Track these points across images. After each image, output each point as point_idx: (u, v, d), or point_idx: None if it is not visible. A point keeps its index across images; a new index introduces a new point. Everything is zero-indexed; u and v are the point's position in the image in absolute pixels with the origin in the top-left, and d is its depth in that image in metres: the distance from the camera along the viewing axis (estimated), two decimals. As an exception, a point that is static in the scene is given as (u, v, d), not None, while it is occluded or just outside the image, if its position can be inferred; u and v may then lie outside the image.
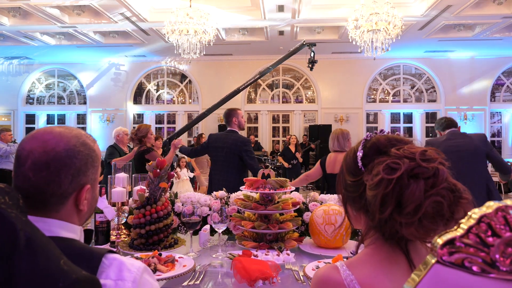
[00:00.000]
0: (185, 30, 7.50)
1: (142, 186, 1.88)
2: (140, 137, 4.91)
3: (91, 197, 0.89)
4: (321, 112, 13.44)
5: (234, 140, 3.91)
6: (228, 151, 3.81)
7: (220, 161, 3.83)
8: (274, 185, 1.78)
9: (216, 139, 4.01)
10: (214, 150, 3.92)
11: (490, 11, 8.98)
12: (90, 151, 0.88)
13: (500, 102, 13.21)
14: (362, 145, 0.86)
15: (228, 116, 4.09)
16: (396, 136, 0.87)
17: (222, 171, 3.80)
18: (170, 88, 13.91)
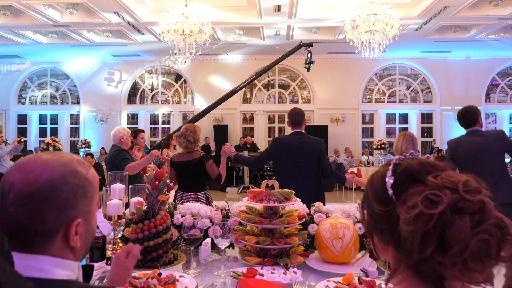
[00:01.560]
0: (181, 30, 7.38)
1: (140, 198, 1.79)
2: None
3: (85, 231, 0.79)
4: (317, 112, 13.39)
5: (309, 142, 3.43)
6: (304, 156, 3.35)
7: (294, 167, 3.35)
8: (278, 197, 1.70)
9: (286, 144, 3.46)
10: (286, 155, 3.38)
11: (486, 12, 8.97)
12: (81, 180, 0.78)
13: (495, 102, 13.26)
14: (392, 169, 0.77)
15: (300, 116, 3.52)
16: (429, 160, 0.78)
17: (297, 178, 3.31)
18: (165, 88, 13.77)
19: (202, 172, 3.53)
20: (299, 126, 3.49)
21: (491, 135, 3.65)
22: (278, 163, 3.49)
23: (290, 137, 3.49)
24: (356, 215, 1.93)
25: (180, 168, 3.51)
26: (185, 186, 3.53)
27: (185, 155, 3.51)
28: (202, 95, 13.37)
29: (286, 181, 3.15)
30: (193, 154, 3.50)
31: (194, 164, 3.47)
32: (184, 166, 3.48)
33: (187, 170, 3.48)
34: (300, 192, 3.18)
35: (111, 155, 3.99)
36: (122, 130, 4.08)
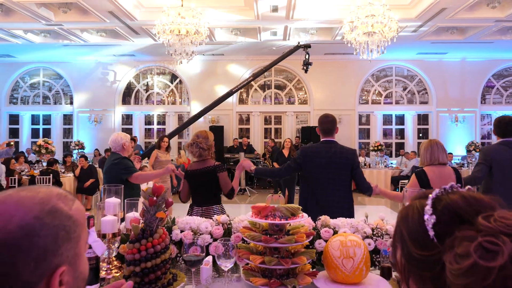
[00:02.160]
0: (177, 30, 7.26)
1: (136, 214, 1.67)
2: None
3: (72, 279, 0.67)
4: (314, 113, 13.30)
5: (342, 152, 3.18)
6: (337, 166, 3.12)
7: (326, 179, 3.13)
8: (285, 213, 1.60)
9: (316, 153, 3.18)
10: (316, 166, 3.15)
11: (483, 15, 8.95)
12: (62, 219, 0.66)
13: (490, 104, 13.27)
14: (431, 205, 0.67)
15: (332, 124, 3.30)
16: (474, 195, 0.67)
17: (329, 190, 3.12)
18: (160, 88, 13.62)
19: (216, 183, 3.20)
20: (330, 134, 3.26)
21: None
22: (308, 173, 3.22)
23: (321, 145, 3.22)
24: (365, 230, 1.84)
25: (193, 178, 3.22)
26: (198, 200, 3.24)
27: (198, 163, 3.23)
28: (198, 96, 13.23)
29: (317, 193, 3.15)
30: (206, 162, 3.21)
31: (207, 173, 3.16)
32: (197, 175, 3.20)
33: (200, 179, 3.20)
34: (333, 205, 3.13)
35: (111, 164, 3.53)
36: (124, 136, 3.63)
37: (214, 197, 3.24)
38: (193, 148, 3.21)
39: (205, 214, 3.06)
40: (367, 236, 1.81)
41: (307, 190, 3.23)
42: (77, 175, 8.81)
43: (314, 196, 3.15)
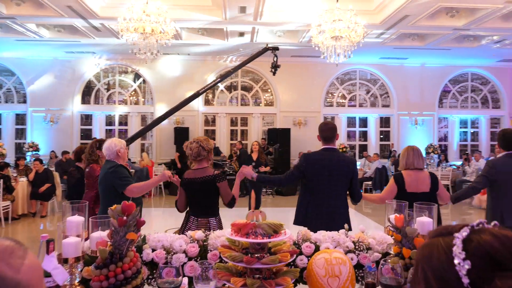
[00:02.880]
0: (141, 28, 6.97)
1: (103, 234, 1.50)
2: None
3: None
4: (280, 115, 13.35)
5: (344, 161, 3.26)
6: (339, 174, 3.16)
7: (329, 186, 3.15)
8: (267, 231, 1.50)
9: (317, 160, 3.21)
10: (319, 173, 3.15)
11: (443, 23, 9.32)
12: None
13: (447, 108, 13.88)
14: (462, 248, 0.59)
15: (332, 132, 3.34)
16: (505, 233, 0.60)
17: (332, 196, 3.16)
18: (122, 87, 13.12)
19: (215, 193, 3.04)
20: (330, 141, 3.31)
21: None
22: (311, 180, 3.21)
23: (322, 153, 3.25)
24: (347, 244, 1.77)
25: (190, 187, 3.02)
26: (195, 210, 3.06)
27: (196, 171, 3.03)
28: (163, 96, 12.88)
29: (320, 200, 3.16)
30: (206, 171, 3.02)
31: (206, 182, 2.98)
32: (194, 183, 2.99)
33: (198, 188, 3.00)
34: (336, 211, 3.17)
35: (106, 173, 3.22)
36: (118, 143, 3.31)
37: (212, 208, 3.08)
38: (192, 145, 3.02)
39: (201, 226, 2.91)
40: (350, 250, 1.74)
41: (308, 197, 3.22)
42: (31, 180, 8.25)
43: (317, 203, 3.16)
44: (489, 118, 13.79)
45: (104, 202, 3.20)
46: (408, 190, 3.20)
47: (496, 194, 3.61)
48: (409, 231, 1.46)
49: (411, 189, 3.21)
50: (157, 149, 12.77)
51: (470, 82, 13.80)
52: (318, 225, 2.95)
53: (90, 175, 3.84)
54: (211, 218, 3.01)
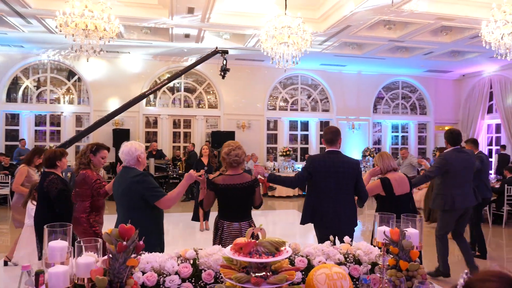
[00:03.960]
0: (83, 24, 6.51)
1: (89, 257, 1.36)
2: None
3: None
4: (224, 117, 13.29)
5: (348, 162, 3.38)
6: (344, 176, 3.29)
7: (335, 188, 3.28)
8: (269, 249, 1.47)
9: (324, 162, 3.34)
10: (325, 175, 3.29)
11: (380, 34, 9.95)
12: None
13: (380, 113, 14.84)
14: None
15: (335, 135, 3.48)
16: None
17: (339, 198, 3.28)
18: (55, 85, 12.15)
19: (251, 198, 3.04)
20: (334, 144, 3.45)
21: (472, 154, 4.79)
22: (317, 182, 3.34)
23: (327, 155, 3.41)
24: (338, 257, 1.80)
25: (226, 193, 2.95)
26: (228, 214, 2.99)
27: (234, 177, 2.98)
28: (100, 96, 12.17)
29: (327, 202, 3.29)
30: (243, 177, 3.01)
31: (244, 189, 2.96)
32: (232, 190, 2.94)
33: (236, 195, 2.95)
34: (344, 213, 3.34)
35: (131, 182, 2.71)
36: (138, 147, 2.87)
37: (248, 212, 3.11)
38: (239, 151, 3.02)
39: (235, 231, 2.91)
40: (341, 262, 1.78)
41: (314, 198, 3.35)
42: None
43: (323, 203, 3.30)
44: (417, 123, 15.00)
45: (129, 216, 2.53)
46: (397, 194, 3.54)
47: (448, 182, 4.36)
48: (405, 244, 1.52)
49: (398, 192, 3.56)
50: (94, 152, 11.99)
51: (401, 90, 14.91)
52: (325, 225, 3.25)
53: (85, 182, 3.44)
54: (243, 222, 2.98)
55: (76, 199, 3.48)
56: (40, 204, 3.62)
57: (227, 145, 3.07)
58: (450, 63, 12.73)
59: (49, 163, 3.65)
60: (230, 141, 3.17)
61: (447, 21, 8.79)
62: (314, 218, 3.34)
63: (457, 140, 4.57)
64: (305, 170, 3.40)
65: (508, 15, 6.58)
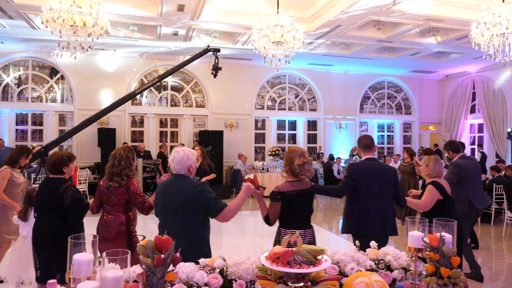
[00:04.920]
0: (71, 21, 6.28)
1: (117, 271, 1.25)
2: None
3: None
4: (212, 117, 13.15)
5: (387, 169, 3.57)
6: (386, 182, 3.42)
7: (379, 194, 3.39)
8: (308, 258, 1.39)
9: (367, 169, 3.45)
10: (370, 182, 3.39)
11: (369, 34, 10.01)
12: None
13: (366, 113, 14.97)
14: None
15: (371, 140, 3.65)
16: None
17: (382, 204, 3.39)
18: (36, 83, 11.75)
19: (312, 204, 2.98)
20: (371, 150, 3.58)
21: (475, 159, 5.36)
22: (361, 189, 3.40)
23: (367, 163, 3.50)
24: (369, 263, 1.74)
25: (295, 200, 2.81)
26: (290, 222, 2.82)
27: (299, 183, 2.84)
28: (84, 94, 11.84)
29: (372, 208, 3.38)
30: (305, 182, 2.88)
31: (307, 194, 2.87)
32: (296, 196, 2.81)
33: (299, 202, 2.83)
34: (387, 217, 3.39)
35: (191, 193, 2.49)
36: (192, 155, 2.64)
37: (309, 220, 2.98)
38: (308, 159, 2.85)
39: (310, 237, 2.85)
40: (372, 269, 1.72)
41: (359, 205, 3.40)
42: None
43: (368, 210, 3.37)
44: (402, 123, 15.20)
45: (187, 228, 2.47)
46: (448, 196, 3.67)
47: (465, 187, 4.67)
48: (446, 250, 1.47)
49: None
50: (78, 152, 11.67)
51: (387, 90, 15.08)
52: (371, 231, 3.32)
53: (135, 194, 3.11)
54: (308, 230, 2.88)
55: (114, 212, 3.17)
56: (44, 214, 3.17)
57: (300, 155, 2.86)
58: (434, 63, 12.95)
59: (55, 169, 3.23)
60: (299, 149, 2.95)
61: (435, 22, 8.91)
62: (359, 226, 3.38)
63: (459, 148, 4.97)
64: (349, 178, 3.45)
65: (497, 17, 6.70)
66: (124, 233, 3.14)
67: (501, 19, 6.66)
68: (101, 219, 3.26)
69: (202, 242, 2.46)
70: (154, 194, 2.84)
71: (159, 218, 2.62)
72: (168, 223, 2.52)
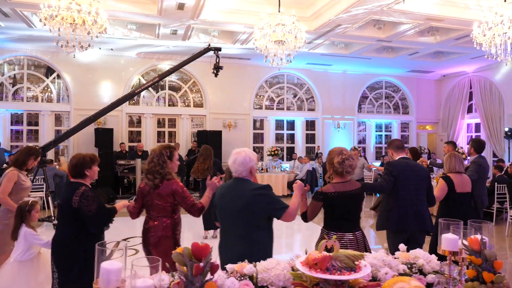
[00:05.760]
0: (71, 18, 6.16)
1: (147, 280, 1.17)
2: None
3: None
4: (210, 117, 13.05)
5: (421, 167, 3.84)
6: (421, 179, 3.68)
7: (413, 191, 3.62)
8: (347, 263, 1.32)
9: (404, 166, 3.69)
10: (408, 179, 3.64)
11: (369, 34, 9.98)
12: None
13: (365, 113, 14.96)
14: None
15: (401, 141, 3.99)
16: None
17: (419, 200, 3.63)
18: (32, 82, 11.57)
19: (360, 206, 3.02)
20: (403, 150, 3.84)
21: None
22: (399, 186, 3.60)
23: (404, 161, 3.74)
24: (401, 267, 1.68)
25: (338, 201, 2.79)
26: (333, 223, 2.82)
27: (345, 184, 2.84)
28: (81, 94, 11.68)
29: (410, 203, 3.58)
30: (353, 184, 2.89)
31: (356, 195, 2.86)
32: (338, 198, 2.79)
33: (342, 203, 2.80)
34: (423, 214, 3.59)
35: (252, 196, 2.47)
36: (253, 157, 2.62)
37: (358, 221, 2.95)
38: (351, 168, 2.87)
39: (360, 240, 2.81)
40: (405, 273, 1.65)
41: (399, 201, 3.59)
42: None
43: (407, 207, 3.57)
44: (400, 122, 15.22)
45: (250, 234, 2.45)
46: (457, 191, 3.86)
47: (481, 184, 4.97)
48: (488, 254, 1.41)
49: (459, 190, 3.88)
50: (75, 152, 11.47)
51: (384, 90, 15.08)
52: (409, 226, 3.54)
53: (182, 195, 2.96)
54: (357, 232, 2.83)
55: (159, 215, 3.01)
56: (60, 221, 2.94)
57: (339, 152, 2.86)
58: (432, 63, 12.97)
59: (76, 171, 2.93)
60: (338, 148, 2.96)
61: (436, 22, 8.89)
62: (398, 222, 3.54)
63: (482, 148, 5.39)
64: (390, 175, 3.64)
65: (499, 17, 6.69)
66: (170, 238, 2.97)
67: (503, 19, 6.65)
68: (145, 224, 3.09)
69: (260, 245, 2.41)
70: (205, 196, 2.94)
71: (218, 223, 2.65)
72: (227, 227, 2.51)
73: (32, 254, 3.23)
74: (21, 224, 3.22)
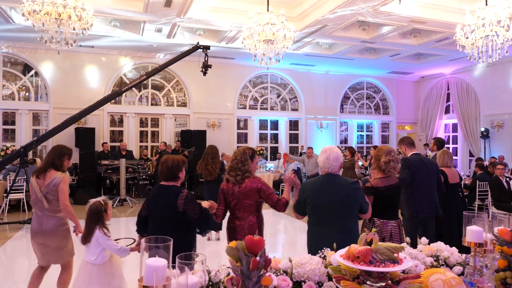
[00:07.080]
0: (55, 13, 5.96)
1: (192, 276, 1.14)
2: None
3: None
4: (194, 116, 12.93)
5: (433, 162, 4.31)
6: (433, 173, 4.13)
7: (426, 184, 4.07)
8: (388, 255, 1.32)
9: (418, 161, 4.11)
10: (423, 173, 4.08)
11: (354, 35, 10.13)
12: None
13: (346, 113, 15.18)
14: None
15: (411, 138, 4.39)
16: None
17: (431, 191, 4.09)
18: (8, 80, 11.14)
19: (400, 196, 3.50)
20: (414, 147, 4.30)
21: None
22: (416, 178, 4.03)
23: (417, 156, 4.17)
24: (428, 260, 1.70)
25: (381, 194, 3.30)
26: (384, 214, 3.31)
27: (389, 179, 3.39)
28: (60, 92, 11.33)
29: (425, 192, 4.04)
30: (393, 178, 3.43)
31: (398, 187, 3.42)
32: (386, 191, 3.31)
33: (389, 195, 3.32)
34: (434, 202, 4.06)
35: (351, 190, 2.70)
36: (340, 153, 2.81)
37: (398, 211, 3.44)
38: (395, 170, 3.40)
39: (400, 226, 3.34)
40: (432, 265, 1.67)
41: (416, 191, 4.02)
42: None
43: (421, 195, 4.01)
44: (380, 122, 15.52)
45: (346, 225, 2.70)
46: (450, 182, 4.55)
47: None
48: (520, 244, 1.45)
49: (451, 181, 4.59)
50: (54, 152, 11.13)
51: (366, 90, 15.35)
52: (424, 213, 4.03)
53: (266, 192, 3.06)
54: (398, 220, 3.38)
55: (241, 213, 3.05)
56: (158, 229, 2.79)
57: (387, 153, 3.38)
58: (412, 65, 13.29)
59: (172, 174, 2.90)
60: (387, 147, 3.48)
61: (418, 24, 9.11)
62: (416, 208, 4.01)
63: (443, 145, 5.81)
64: (408, 168, 4.04)
65: (481, 20, 6.92)
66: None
67: (485, 22, 6.87)
68: (230, 222, 3.14)
69: (353, 234, 2.65)
70: (285, 191, 3.07)
71: (309, 216, 2.77)
72: (324, 220, 2.67)
73: (105, 258, 3.02)
74: (96, 227, 3.03)
